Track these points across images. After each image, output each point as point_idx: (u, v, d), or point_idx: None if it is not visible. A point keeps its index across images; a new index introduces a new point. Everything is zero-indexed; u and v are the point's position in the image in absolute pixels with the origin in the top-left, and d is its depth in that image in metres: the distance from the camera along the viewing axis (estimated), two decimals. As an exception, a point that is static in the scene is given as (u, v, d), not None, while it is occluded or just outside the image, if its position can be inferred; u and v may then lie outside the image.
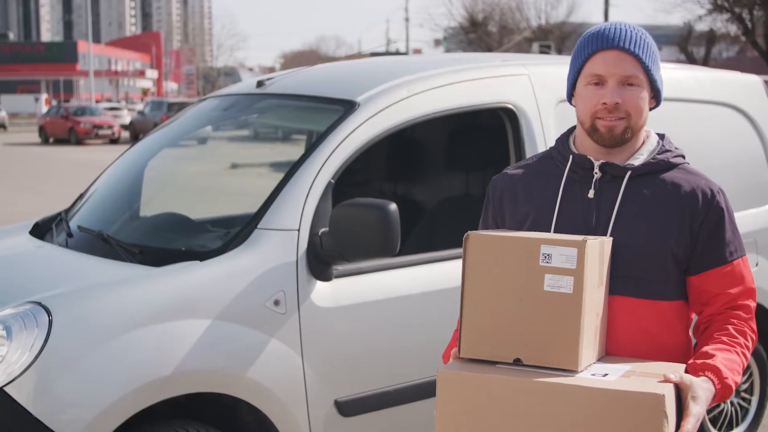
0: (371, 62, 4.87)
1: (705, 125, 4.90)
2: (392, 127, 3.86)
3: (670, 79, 4.88)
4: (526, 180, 2.43)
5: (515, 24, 50.07)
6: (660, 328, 2.27)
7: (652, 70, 2.30)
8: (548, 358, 2.08)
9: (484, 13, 50.83)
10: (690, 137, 4.80)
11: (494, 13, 50.75)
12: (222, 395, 3.38)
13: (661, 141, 2.40)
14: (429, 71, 4.10)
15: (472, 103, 4.12)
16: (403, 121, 3.89)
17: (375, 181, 5.41)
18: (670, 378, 2.03)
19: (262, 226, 3.54)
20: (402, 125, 3.90)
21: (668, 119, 4.72)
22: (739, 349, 2.24)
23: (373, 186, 5.38)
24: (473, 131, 4.81)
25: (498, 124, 4.27)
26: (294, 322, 3.48)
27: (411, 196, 5.35)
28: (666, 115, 4.70)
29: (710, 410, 4.82)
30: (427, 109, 3.96)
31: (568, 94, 2.42)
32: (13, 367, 3.08)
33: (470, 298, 2.16)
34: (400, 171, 5.39)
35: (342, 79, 4.35)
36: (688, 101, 4.87)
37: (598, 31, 2.32)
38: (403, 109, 3.89)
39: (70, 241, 4.09)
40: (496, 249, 2.14)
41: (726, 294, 2.30)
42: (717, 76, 5.29)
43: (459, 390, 2.09)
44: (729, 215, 2.32)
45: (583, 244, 2.07)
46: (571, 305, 2.07)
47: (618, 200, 2.29)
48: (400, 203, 5.19)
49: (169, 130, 4.83)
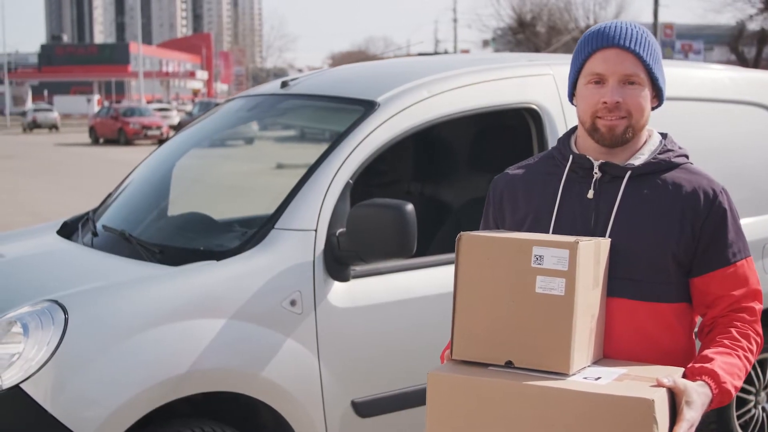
0: (394, 62, 4.87)
1: (740, 125, 4.83)
2: (413, 128, 3.85)
3: (707, 79, 4.86)
4: (527, 180, 2.40)
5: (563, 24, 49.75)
6: (660, 330, 2.23)
7: (653, 68, 2.27)
8: (540, 360, 2.05)
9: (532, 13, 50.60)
10: (727, 137, 4.75)
11: (542, 13, 50.49)
12: (239, 395, 3.40)
13: (664, 140, 2.35)
14: (451, 71, 4.08)
15: (495, 103, 4.10)
16: (423, 121, 3.87)
17: (402, 182, 5.39)
18: (663, 382, 1.99)
19: (280, 226, 3.54)
20: (423, 125, 3.89)
21: (704, 120, 4.69)
22: (741, 353, 2.19)
23: (400, 186, 5.37)
24: (499, 131, 4.77)
25: (523, 125, 4.24)
26: (310, 322, 3.48)
27: (438, 197, 5.33)
28: (704, 116, 4.70)
29: (740, 415, 4.74)
30: (448, 110, 3.94)
31: (569, 94, 2.39)
32: (29, 364, 3.12)
33: (462, 300, 2.14)
34: (426, 171, 5.37)
35: (364, 79, 4.35)
36: (722, 102, 4.80)
37: (599, 30, 2.29)
38: (423, 110, 3.87)
39: (95, 240, 4.13)
40: (489, 250, 2.12)
41: (729, 296, 2.25)
42: (752, 76, 5.20)
43: (449, 392, 2.07)
44: (732, 216, 2.28)
45: (575, 246, 2.04)
46: (562, 307, 2.04)
47: (617, 201, 2.25)
48: (427, 204, 5.21)
49: (196, 131, 4.86)
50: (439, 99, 3.92)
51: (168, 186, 4.66)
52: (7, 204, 16.46)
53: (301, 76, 4.59)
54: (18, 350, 3.15)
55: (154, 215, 4.46)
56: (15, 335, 3.20)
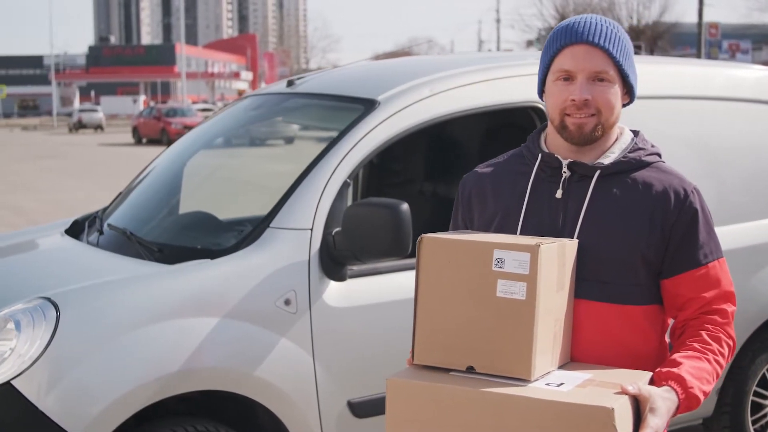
0: (400, 61, 4.84)
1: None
2: (414, 126, 3.81)
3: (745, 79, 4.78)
4: (496, 179, 2.35)
5: (607, 24, 49.17)
6: (629, 333, 2.18)
7: (623, 65, 2.21)
8: (501, 366, 2.00)
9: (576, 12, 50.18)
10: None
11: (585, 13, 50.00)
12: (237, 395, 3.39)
13: (635, 138, 2.30)
14: (454, 70, 4.04)
15: (498, 102, 4.05)
16: (425, 120, 3.84)
17: (415, 182, 5.36)
18: (627, 390, 1.94)
19: (275, 225, 3.53)
20: (424, 124, 3.85)
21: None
22: (711, 356, 2.13)
23: (413, 186, 5.34)
24: (509, 130, 4.72)
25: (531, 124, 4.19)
26: (305, 321, 3.46)
27: (451, 196, 5.28)
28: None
29: (756, 420, 4.65)
30: (450, 108, 3.90)
31: (538, 91, 2.34)
32: (21, 360, 3.14)
33: (423, 303, 2.10)
34: (440, 171, 5.34)
35: (368, 78, 4.32)
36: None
37: (567, 25, 2.24)
38: (425, 108, 3.84)
39: (100, 239, 4.15)
40: (450, 252, 2.07)
41: (700, 298, 2.19)
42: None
43: (407, 398, 2.03)
44: (704, 216, 2.21)
45: (536, 249, 1.99)
46: (524, 312, 1.99)
47: (586, 201, 2.20)
48: (440, 203, 5.17)
49: (205, 130, 4.87)
50: (441, 97, 3.88)
51: (179, 185, 4.67)
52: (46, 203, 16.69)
53: (309, 74, 4.58)
54: (10, 346, 3.17)
55: (162, 214, 4.47)
56: (8, 332, 3.22)
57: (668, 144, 4.06)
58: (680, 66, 5.03)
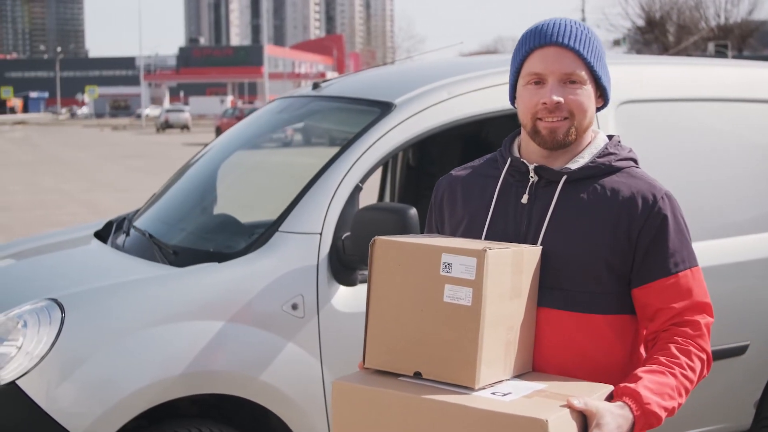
0: (422, 64, 4.79)
1: None
2: (431, 129, 3.76)
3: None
4: (467, 182, 2.29)
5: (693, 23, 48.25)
6: (592, 344, 2.09)
7: (595, 66, 2.13)
8: (447, 373, 1.95)
9: (662, 12, 49.25)
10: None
11: (672, 12, 49.08)
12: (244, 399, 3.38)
13: (608, 143, 2.21)
14: (474, 73, 3.98)
15: (521, 105, 3.97)
16: (443, 123, 3.79)
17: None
18: (573, 404, 1.86)
19: (284, 229, 3.52)
20: (442, 127, 3.80)
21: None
22: (678, 371, 2.03)
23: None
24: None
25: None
26: (313, 326, 3.44)
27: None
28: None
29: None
30: (469, 111, 3.84)
31: (510, 96, 2.27)
32: (26, 361, 3.18)
33: (375, 307, 2.06)
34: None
35: (388, 81, 4.29)
36: None
37: (536, 28, 2.16)
38: (443, 111, 3.79)
39: (126, 241, 4.19)
40: (400, 256, 2.03)
41: (670, 309, 2.09)
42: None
43: (352, 402, 2.00)
44: (676, 223, 2.11)
45: (482, 254, 1.93)
46: (469, 318, 1.93)
47: (551, 206, 2.13)
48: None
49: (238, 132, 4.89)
50: (459, 100, 3.82)
51: (210, 187, 4.69)
52: (125, 201, 17.01)
53: (336, 77, 4.57)
54: (17, 346, 3.22)
55: (189, 216, 4.48)
56: (17, 332, 3.27)
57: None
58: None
